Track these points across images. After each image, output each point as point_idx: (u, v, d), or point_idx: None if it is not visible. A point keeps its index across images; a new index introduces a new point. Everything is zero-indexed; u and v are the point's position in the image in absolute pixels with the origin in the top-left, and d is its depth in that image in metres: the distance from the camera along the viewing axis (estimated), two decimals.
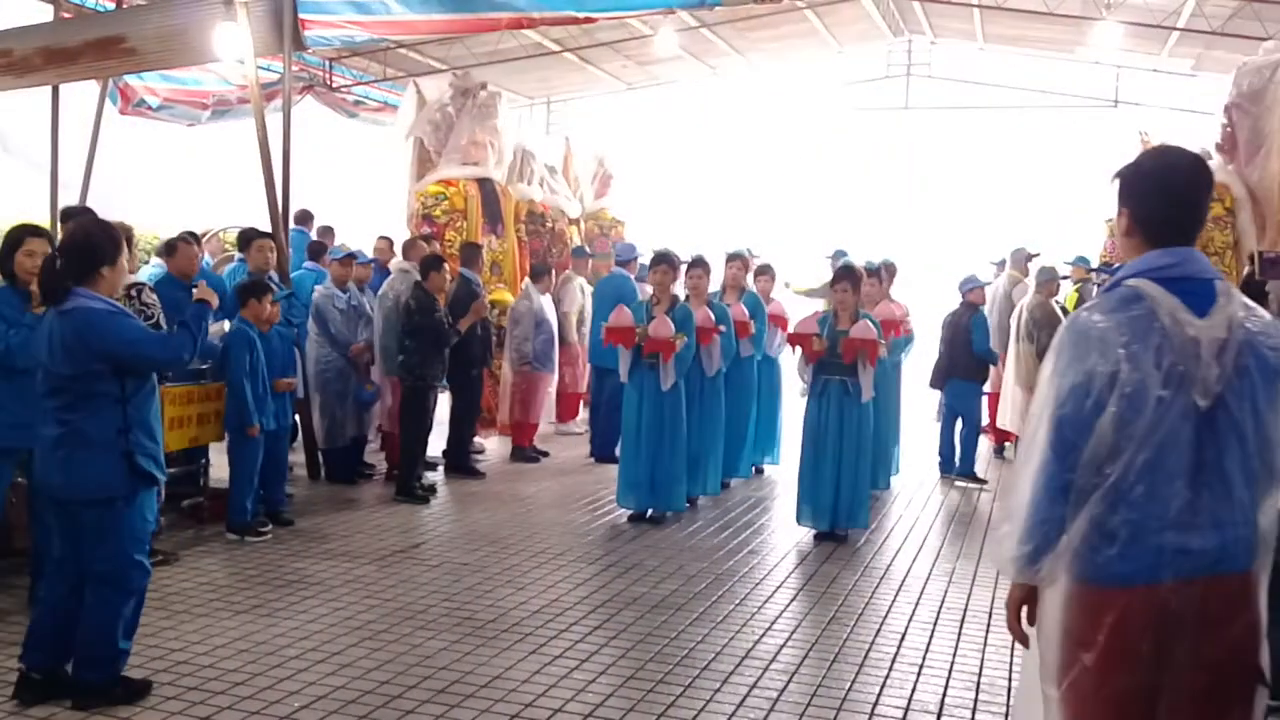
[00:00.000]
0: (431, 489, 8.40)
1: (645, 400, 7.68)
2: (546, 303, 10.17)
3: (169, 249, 7.56)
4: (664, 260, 7.88)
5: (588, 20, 8.39)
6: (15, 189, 11.87)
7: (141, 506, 4.23)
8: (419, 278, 8.41)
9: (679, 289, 8.09)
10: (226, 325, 5.89)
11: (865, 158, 19.56)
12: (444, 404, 9.26)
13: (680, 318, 7.63)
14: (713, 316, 7.90)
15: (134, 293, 5.99)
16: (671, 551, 6.93)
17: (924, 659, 5.13)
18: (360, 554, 6.59)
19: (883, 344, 7.40)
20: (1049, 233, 15.06)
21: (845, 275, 7.57)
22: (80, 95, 10.75)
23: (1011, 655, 5.20)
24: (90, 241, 4.20)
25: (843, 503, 7.30)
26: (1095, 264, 10.76)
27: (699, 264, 8.19)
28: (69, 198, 9.99)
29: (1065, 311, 10.94)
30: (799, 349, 7.48)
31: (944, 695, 4.70)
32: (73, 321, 4.07)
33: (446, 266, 8.48)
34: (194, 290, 4.78)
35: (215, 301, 4.74)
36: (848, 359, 7.22)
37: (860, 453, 7.34)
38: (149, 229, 12.76)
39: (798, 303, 9.90)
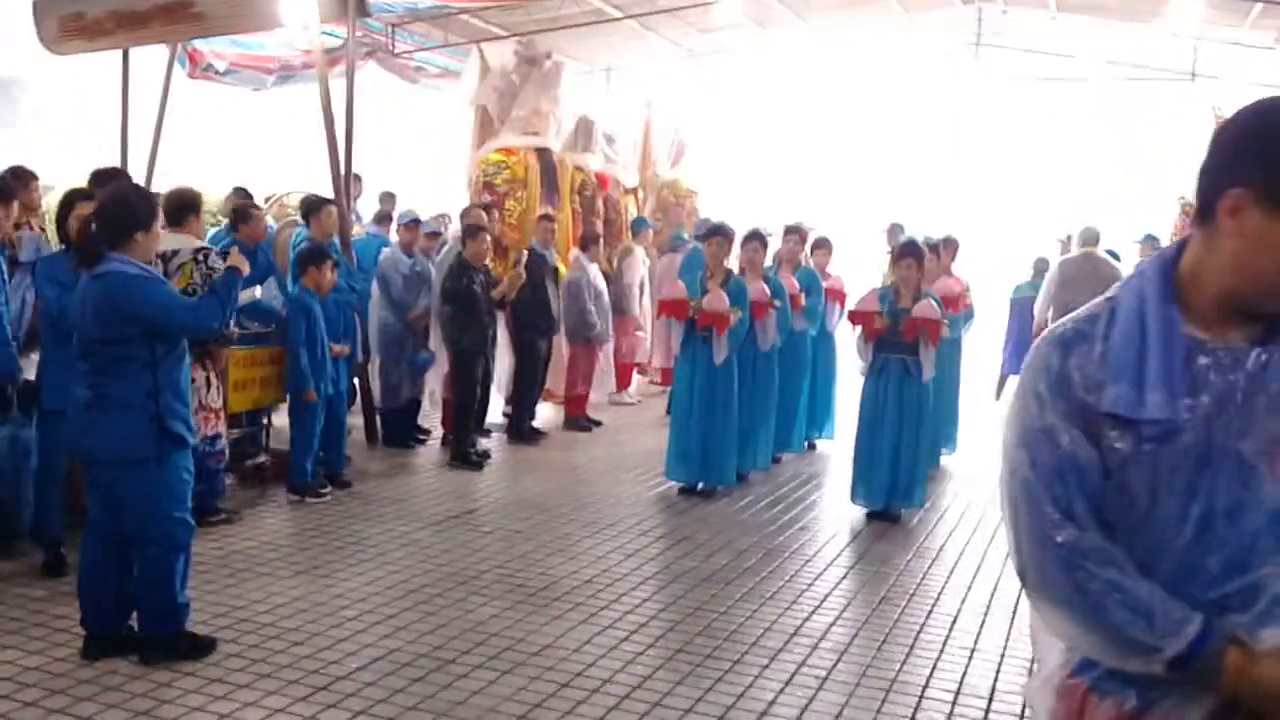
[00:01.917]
0: (486, 455, 8.50)
1: (697, 373, 7.65)
2: (595, 272, 10.20)
3: (242, 215, 7.68)
4: (718, 232, 7.81)
5: None
6: (91, 151, 12.09)
7: (177, 466, 4.27)
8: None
9: (733, 262, 8.08)
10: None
11: (932, 129, 19.28)
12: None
13: (735, 291, 7.58)
14: (768, 291, 7.87)
15: (200, 257, 6.08)
16: (722, 525, 6.95)
17: (976, 643, 5.11)
18: (415, 518, 6.69)
19: (945, 323, 7.27)
20: (1121, 209, 14.79)
21: (909, 251, 7.40)
22: (151, 59, 10.90)
23: None
24: (126, 206, 4.23)
25: (899, 482, 7.24)
26: (1165, 242, 10.52)
27: (755, 237, 8.14)
28: (139, 161, 10.17)
29: None
30: (859, 327, 7.39)
31: (995, 681, 4.68)
32: (104, 285, 4.12)
33: (485, 234, 8.50)
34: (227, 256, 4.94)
35: (246, 269, 4.80)
36: (909, 338, 7.11)
37: (920, 431, 7.27)
38: (215, 193, 12.94)
39: (858, 278, 9.81)
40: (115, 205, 4.26)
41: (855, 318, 7.43)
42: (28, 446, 5.21)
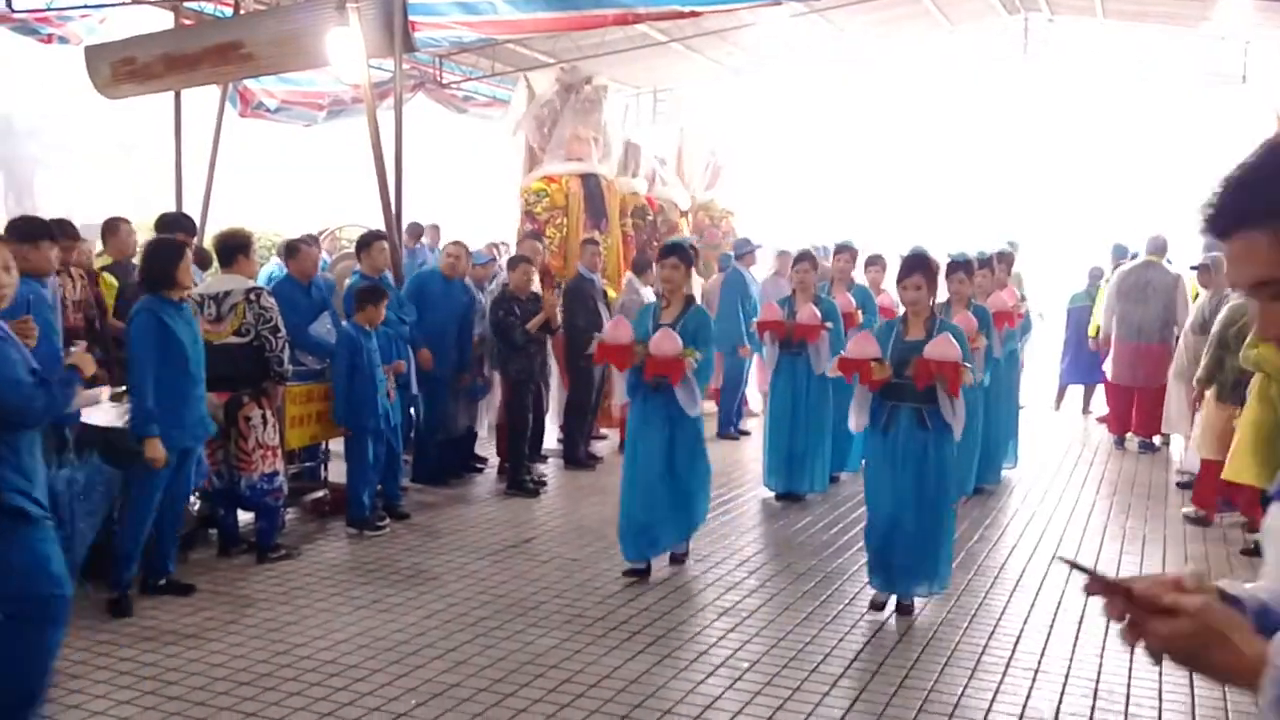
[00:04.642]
0: (542, 481, 8.52)
1: (652, 427, 6.20)
2: (649, 295, 10.20)
3: (290, 251, 7.81)
4: (673, 252, 6.23)
5: (692, 14, 8.37)
6: (147, 192, 12.35)
7: (27, 540, 3.71)
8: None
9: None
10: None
11: (981, 140, 19.11)
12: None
13: (693, 327, 6.13)
14: (819, 313, 7.79)
15: (253, 297, 6.19)
16: (780, 548, 6.90)
17: (1039, 664, 5.02)
18: (473, 548, 6.71)
19: (969, 366, 5.49)
20: (1177, 213, 14.53)
21: (916, 266, 5.55)
22: (203, 100, 11.12)
23: (1131, 661, 5.06)
24: None
25: (916, 564, 5.61)
26: None
27: (805, 258, 8.08)
28: (193, 200, 10.37)
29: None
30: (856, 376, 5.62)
31: (1059, 703, 4.60)
32: None
33: (527, 265, 8.54)
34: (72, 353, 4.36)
35: (89, 370, 4.11)
36: (920, 384, 5.40)
37: (941, 503, 5.59)
38: (269, 228, 13.18)
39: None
40: None
41: (846, 366, 5.64)
42: (85, 489, 5.30)
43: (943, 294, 7.95)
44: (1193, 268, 9.81)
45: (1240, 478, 6.87)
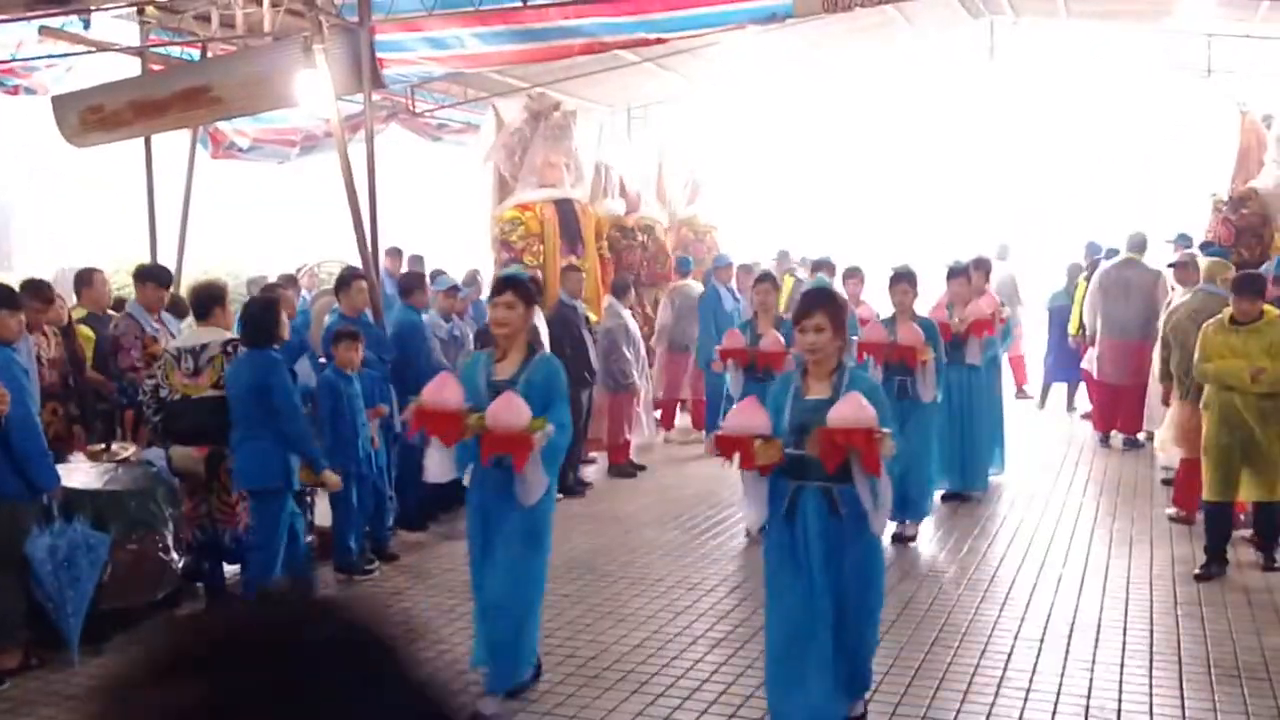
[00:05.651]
0: None
1: (490, 522, 4.77)
2: (629, 318, 10.21)
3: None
4: (507, 287, 4.80)
5: (659, 41, 8.40)
6: (120, 234, 12.30)
7: None
8: None
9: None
10: None
11: (951, 144, 19.21)
12: None
13: (540, 382, 4.69)
14: (782, 339, 7.44)
15: (230, 349, 6.17)
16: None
17: (1030, 683, 5.03)
18: (463, 589, 6.60)
19: (885, 433, 3.99)
20: (1147, 209, 14.65)
21: (817, 303, 4.29)
22: (174, 141, 11.08)
23: (1121, 674, 5.08)
24: None
25: (846, 672, 4.39)
26: (1199, 242, 10.37)
27: (765, 278, 7.93)
28: (168, 244, 10.34)
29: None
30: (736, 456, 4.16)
31: None
32: None
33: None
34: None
35: None
36: (829, 464, 4.01)
37: (864, 620, 4.37)
38: (246, 268, 13.15)
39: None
40: None
41: (724, 445, 4.16)
42: (68, 556, 5.27)
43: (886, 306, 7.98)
44: (1170, 265, 9.88)
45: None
